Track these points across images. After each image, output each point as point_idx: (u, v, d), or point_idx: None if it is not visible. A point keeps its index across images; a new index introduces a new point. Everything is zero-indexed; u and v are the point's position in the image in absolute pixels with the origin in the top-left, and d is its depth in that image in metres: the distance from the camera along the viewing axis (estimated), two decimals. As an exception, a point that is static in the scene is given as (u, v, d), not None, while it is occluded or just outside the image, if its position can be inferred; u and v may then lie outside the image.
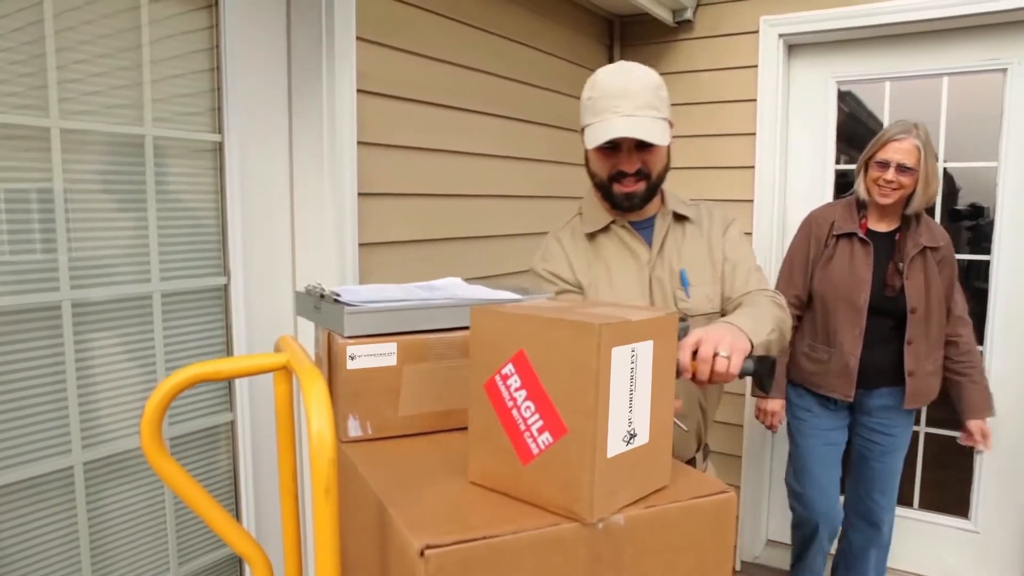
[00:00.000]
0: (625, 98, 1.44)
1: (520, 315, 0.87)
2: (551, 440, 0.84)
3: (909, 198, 2.25)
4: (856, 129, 2.91)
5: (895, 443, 2.44)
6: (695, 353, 1.21)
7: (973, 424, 2.37)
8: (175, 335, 1.67)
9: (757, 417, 2.57)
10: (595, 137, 1.46)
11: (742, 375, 1.23)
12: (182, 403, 1.70)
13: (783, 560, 3.04)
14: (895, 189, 2.22)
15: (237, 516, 1.83)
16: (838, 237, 2.35)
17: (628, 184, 1.53)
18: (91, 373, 1.52)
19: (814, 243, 2.40)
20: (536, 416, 0.86)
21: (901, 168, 2.20)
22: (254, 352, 1.80)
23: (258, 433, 1.84)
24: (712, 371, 1.20)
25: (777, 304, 1.51)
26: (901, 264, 2.27)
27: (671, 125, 1.52)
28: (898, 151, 2.20)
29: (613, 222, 1.61)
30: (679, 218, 1.64)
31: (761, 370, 1.23)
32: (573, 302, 0.98)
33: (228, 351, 1.78)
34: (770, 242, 2.88)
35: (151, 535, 1.64)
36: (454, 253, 2.28)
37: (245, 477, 1.82)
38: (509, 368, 0.88)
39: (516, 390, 0.87)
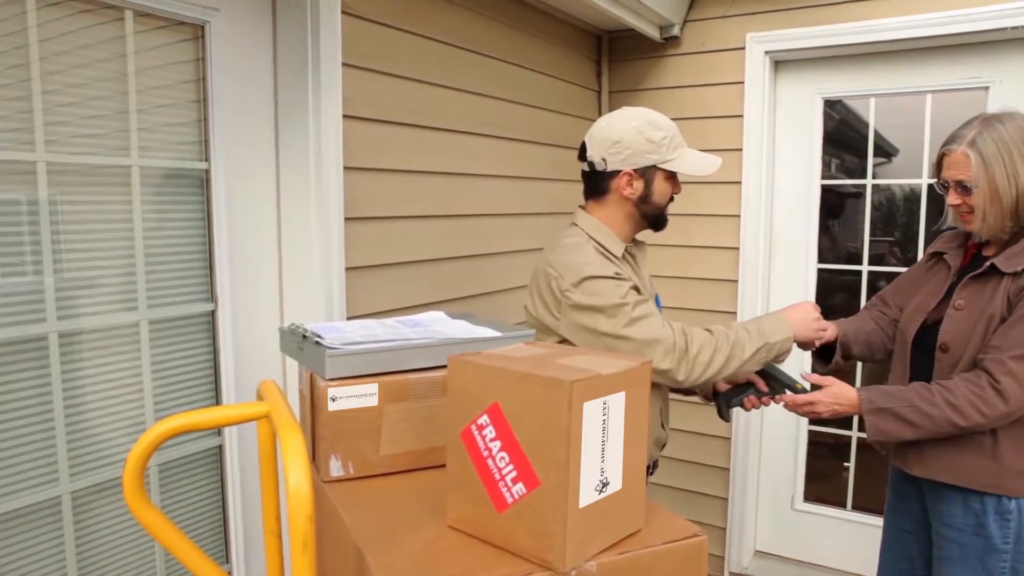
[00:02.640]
0: (682, 135, 1.73)
1: (495, 367, 0.89)
2: (525, 491, 0.86)
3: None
4: (847, 135, 2.93)
5: (948, 548, 1.74)
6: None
7: (824, 382, 1.76)
8: (163, 362, 1.69)
9: None
10: (701, 167, 1.71)
11: None
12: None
13: (771, 571, 3.07)
14: (969, 212, 1.71)
15: (225, 540, 1.85)
16: (936, 259, 1.91)
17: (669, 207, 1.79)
18: (78, 402, 1.53)
19: (919, 268, 1.98)
20: (510, 467, 0.88)
21: (959, 187, 1.69)
22: (241, 379, 1.82)
23: (246, 458, 1.85)
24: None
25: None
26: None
27: None
28: (950, 166, 1.72)
29: (626, 249, 1.77)
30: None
31: None
32: (550, 350, 0.99)
33: (216, 377, 1.80)
34: (756, 258, 2.91)
35: (139, 563, 1.66)
36: (445, 274, 2.29)
37: (233, 502, 1.83)
38: (485, 419, 0.90)
39: (491, 440, 0.89)
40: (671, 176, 1.73)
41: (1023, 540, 1.65)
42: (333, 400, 1.09)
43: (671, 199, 1.77)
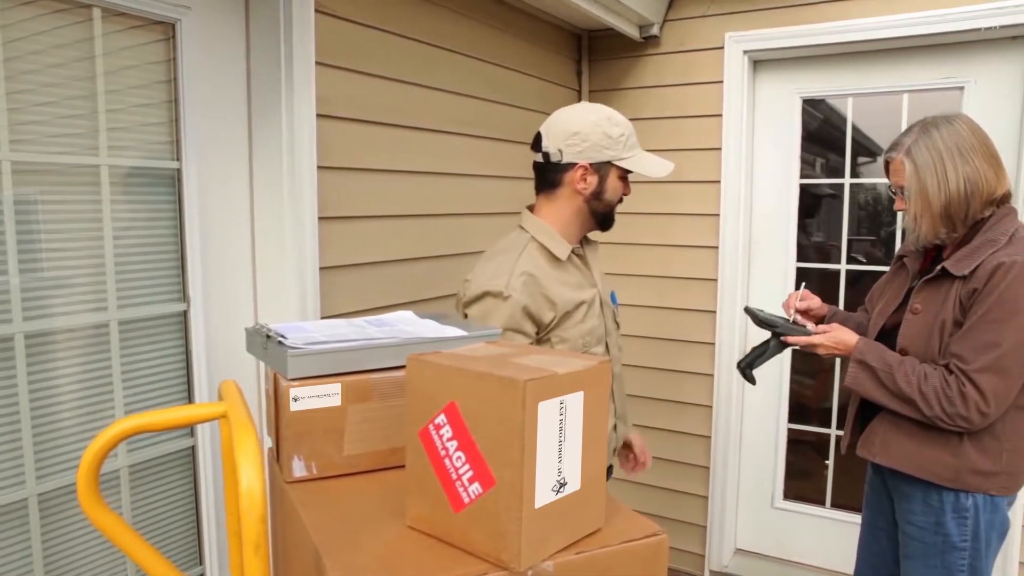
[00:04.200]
0: (643, 135, 1.82)
1: (452, 367, 0.89)
2: (481, 490, 0.86)
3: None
4: (832, 135, 2.93)
5: (911, 546, 1.77)
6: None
7: (828, 329, 1.84)
8: (133, 363, 1.68)
9: None
10: (655, 168, 1.70)
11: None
12: (141, 430, 1.70)
13: (751, 569, 3.08)
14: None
15: (199, 541, 1.84)
16: (898, 263, 1.94)
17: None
18: (46, 403, 1.52)
19: (888, 274, 2.00)
20: (467, 466, 0.87)
21: (900, 193, 1.76)
22: (214, 379, 1.81)
23: (219, 458, 1.84)
24: None
25: None
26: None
27: None
28: (893, 173, 1.78)
29: (572, 251, 1.74)
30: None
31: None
32: (510, 350, 0.99)
33: (188, 377, 1.79)
34: (735, 256, 2.92)
35: (110, 567, 1.64)
36: (421, 273, 2.29)
37: (207, 502, 1.82)
38: (442, 418, 0.89)
39: (448, 440, 0.89)
40: (624, 176, 1.73)
41: (980, 538, 1.68)
42: (295, 400, 1.08)
43: (620, 199, 1.76)
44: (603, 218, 1.76)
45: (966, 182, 1.66)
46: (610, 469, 1.90)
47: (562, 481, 0.88)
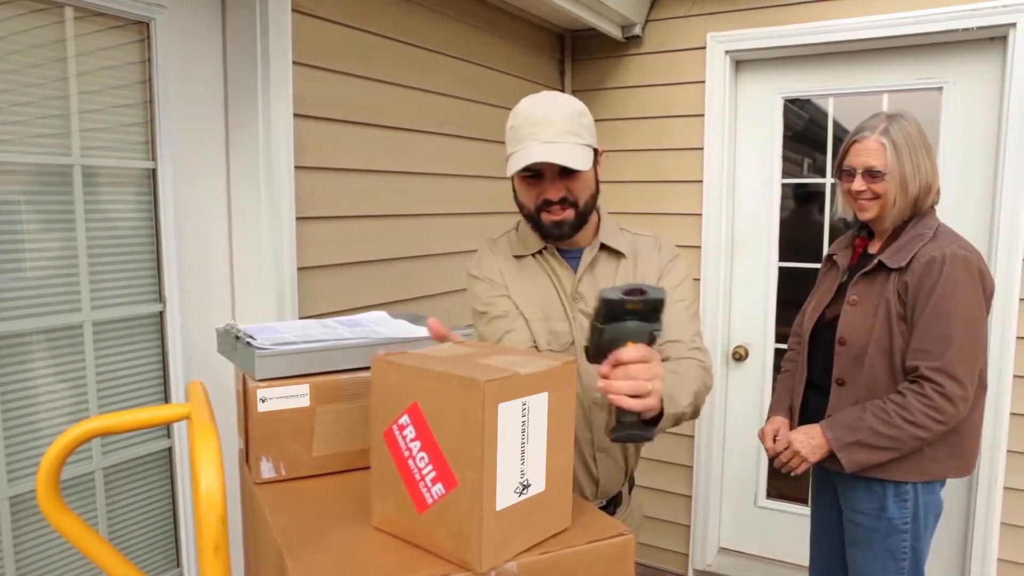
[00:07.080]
0: (542, 125, 1.39)
1: (415, 367, 0.89)
2: (443, 491, 0.86)
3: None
4: (819, 135, 2.94)
5: (856, 533, 1.84)
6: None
7: (795, 431, 1.89)
8: (108, 364, 1.67)
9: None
10: (514, 164, 1.40)
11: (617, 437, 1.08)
12: (116, 432, 1.69)
13: (735, 567, 3.09)
14: (871, 200, 1.80)
15: (176, 544, 1.83)
16: (829, 263, 2.02)
17: (556, 212, 1.45)
18: (18, 405, 1.51)
19: (819, 275, 2.08)
20: (430, 467, 0.87)
21: (869, 174, 1.78)
22: (190, 379, 1.80)
23: (196, 459, 1.83)
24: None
25: (702, 368, 1.45)
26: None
27: (597, 151, 1.46)
28: (861, 153, 1.80)
29: (545, 248, 1.55)
30: (612, 252, 1.55)
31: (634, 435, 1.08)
32: (476, 349, 0.99)
33: (165, 378, 1.78)
34: (718, 256, 2.92)
35: (84, 572, 1.63)
36: (401, 273, 2.29)
37: (184, 504, 1.82)
38: (405, 419, 0.89)
39: (411, 440, 0.89)
40: (523, 176, 1.45)
41: (919, 519, 1.76)
42: (263, 401, 1.08)
43: (533, 209, 1.48)
44: (527, 219, 1.53)
45: (930, 173, 1.79)
46: (619, 495, 1.77)
47: (525, 483, 0.88)
